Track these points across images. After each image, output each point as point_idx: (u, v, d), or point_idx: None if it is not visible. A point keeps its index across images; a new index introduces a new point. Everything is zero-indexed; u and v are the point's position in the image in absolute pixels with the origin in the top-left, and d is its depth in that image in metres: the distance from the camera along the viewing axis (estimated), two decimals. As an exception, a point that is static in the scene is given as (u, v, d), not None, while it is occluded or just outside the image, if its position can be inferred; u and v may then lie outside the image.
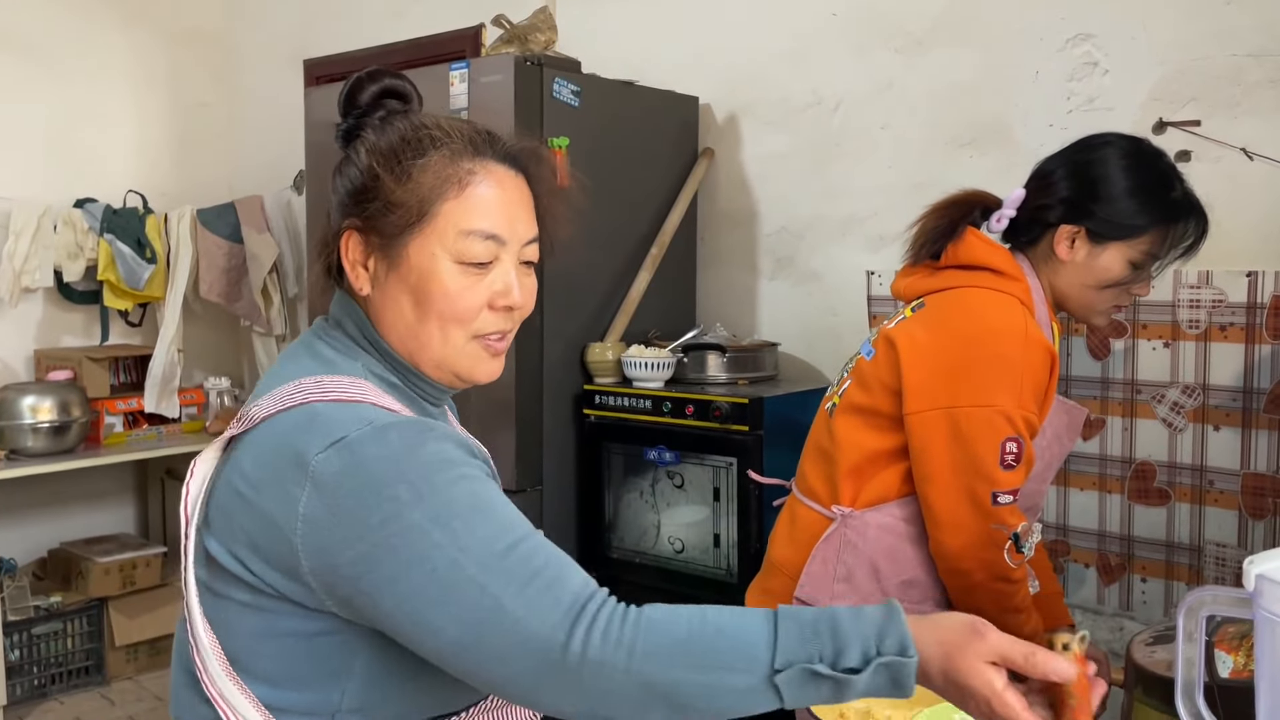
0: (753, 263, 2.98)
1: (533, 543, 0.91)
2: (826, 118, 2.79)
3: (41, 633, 3.55)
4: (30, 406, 3.46)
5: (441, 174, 1.01)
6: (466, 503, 0.90)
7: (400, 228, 1.00)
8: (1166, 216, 1.56)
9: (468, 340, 1.03)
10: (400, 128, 1.04)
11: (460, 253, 1.00)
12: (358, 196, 1.03)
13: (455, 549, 0.87)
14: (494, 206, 1.02)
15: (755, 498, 2.41)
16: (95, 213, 3.88)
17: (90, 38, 4.09)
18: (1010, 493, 1.51)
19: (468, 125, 1.05)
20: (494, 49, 2.71)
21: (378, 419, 0.93)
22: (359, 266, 1.04)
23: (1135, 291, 1.62)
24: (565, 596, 0.87)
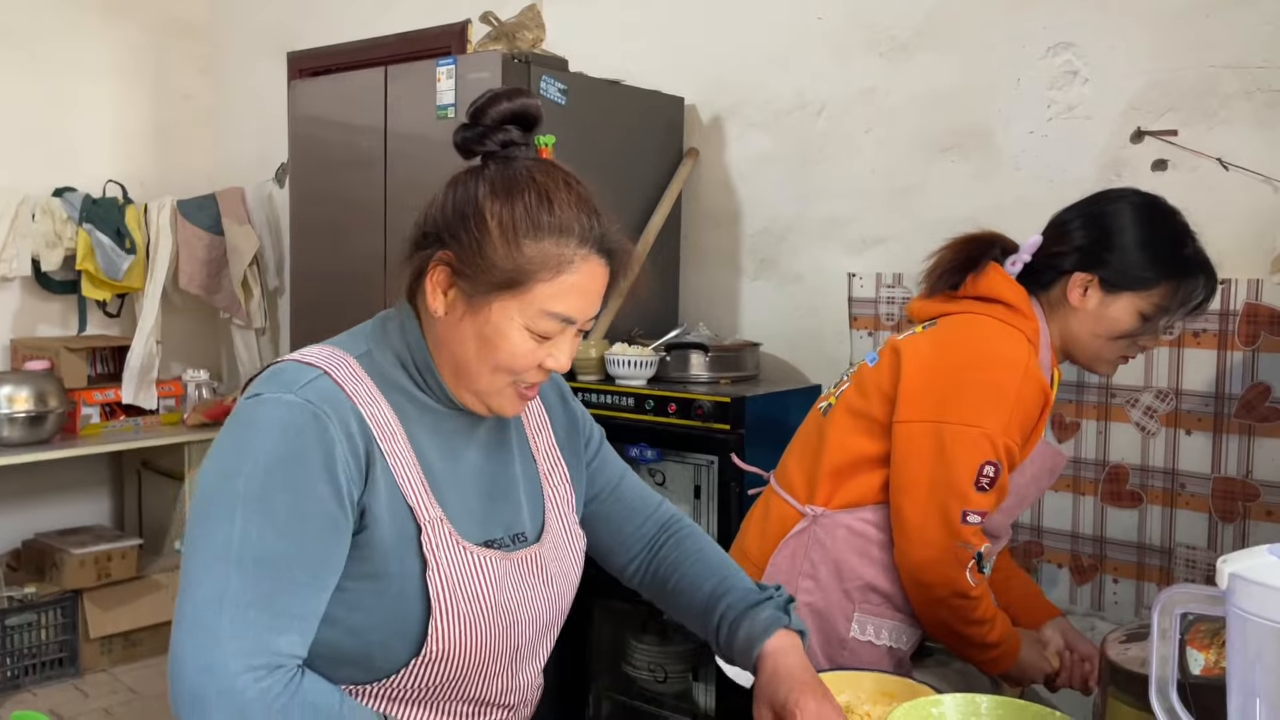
0: (735, 263, 3.00)
1: (257, 574, 0.98)
2: (810, 120, 2.82)
3: (15, 624, 3.52)
4: (6, 396, 3.44)
5: (546, 255, 1.06)
6: (276, 507, 0.99)
7: (492, 286, 1.06)
8: (1178, 271, 1.59)
9: (508, 385, 1.11)
10: (525, 187, 1.07)
11: (534, 325, 1.08)
12: (461, 232, 1.07)
13: (239, 535, 0.98)
14: (578, 296, 1.08)
15: (735, 495, 2.43)
16: (74, 202, 3.85)
17: (72, 26, 4.05)
18: (979, 513, 1.55)
19: (582, 204, 1.09)
20: (482, 46, 2.71)
21: (291, 402, 1.03)
22: (440, 292, 1.09)
23: (1143, 344, 1.65)
24: (273, 636, 0.97)
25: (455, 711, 1.14)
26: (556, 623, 1.23)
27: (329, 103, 2.96)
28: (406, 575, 1.07)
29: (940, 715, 1.18)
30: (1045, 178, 2.45)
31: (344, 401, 1.06)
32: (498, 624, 1.11)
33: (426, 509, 1.08)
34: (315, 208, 3.04)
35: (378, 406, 1.08)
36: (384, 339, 1.14)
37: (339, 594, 1.05)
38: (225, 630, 0.95)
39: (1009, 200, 2.50)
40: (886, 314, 2.70)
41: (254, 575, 0.97)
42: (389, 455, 1.07)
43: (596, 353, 2.68)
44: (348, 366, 1.09)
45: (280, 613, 0.98)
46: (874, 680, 1.36)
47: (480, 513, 1.15)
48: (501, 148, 1.10)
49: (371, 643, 1.07)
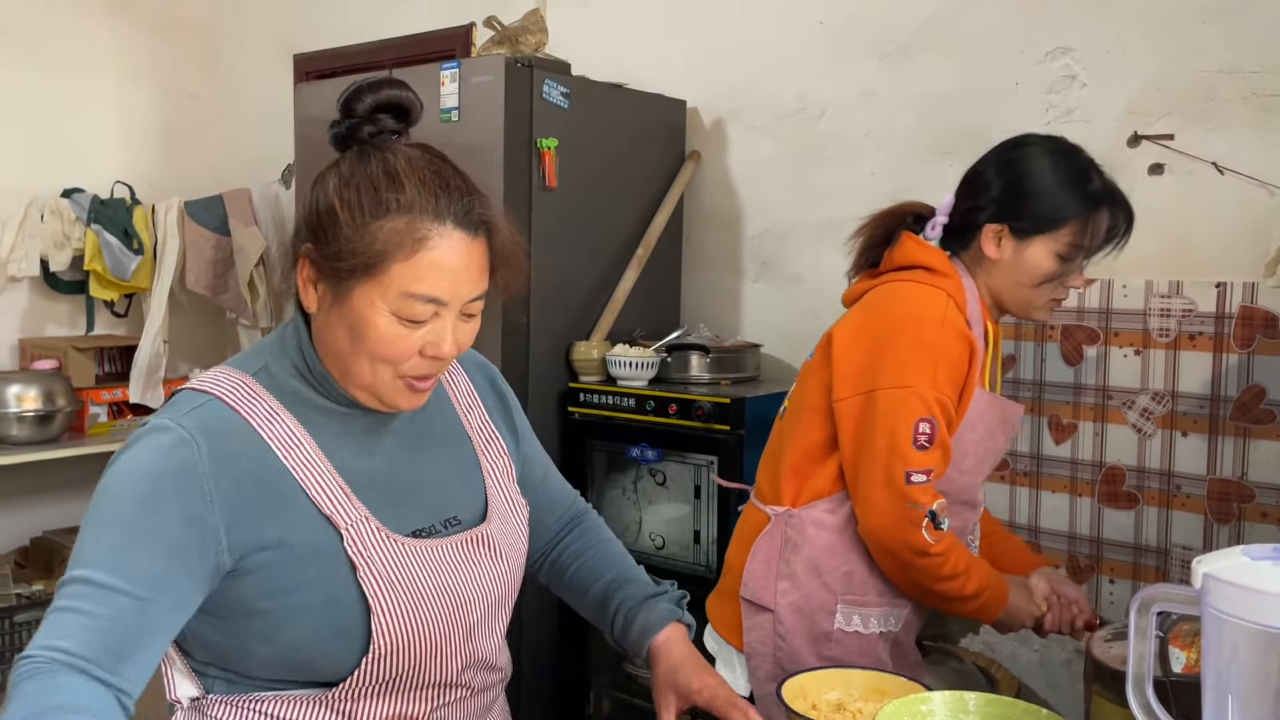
0: (736, 265, 3.03)
1: (79, 588, 0.98)
2: (811, 124, 2.84)
3: (23, 620, 3.55)
4: (15, 395, 3.47)
5: (397, 235, 1.03)
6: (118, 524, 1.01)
7: (348, 273, 1.04)
8: (1085, 207, 1.61)
9: (394, 378, 1.09)
10: (373, 169, 1.05)
11: (399, 310, 1.04)
12: (317, 225, 1.06)
13: (83, 544, 1.01)
14: (441, 273, 1.04)
15: (735, 496, 2.45)
16: (83, 203, 3.89)
17: (79, 27, 4.09)
18: (924, 472, 1.57)
19: (437, 182, 1.06)
20: (485, 50, 2.74)
21: (179, 427, 1.04)
22: (310, 286, 1.09)
23: (1069, 284, 1.66)
24: (60, 627, 0.96)
25: (418, 698, 1.14)
26: (510, 596, 1.23)
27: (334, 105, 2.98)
28: (333, 581, 1.06)
29: (929, 713, 1.20)
30: (1043, 181, 2.47)
31: (236, 424, 1.06)
32: (443, 608, 1.11)
33: (347, 512, 1.08)
34: (320, 209, 3.07)
35: (278, 422, 1.08)
36: (282, 350, 1.13)
37: (263, 617, 1.06)
38: (50, 623, 0.98)
39: (1007, 203, 2.52)
40: (886, 316, 2.71)
41: (80, 584, 0.98)
42: (296, 469, 1.07)
43: (598, 354, 2.70)
44: (242, 387, 1.09)
45: (84, 615, 0.97)
46: (864, 677, 1.38)
47: (406, 504, 1.15)
48: (371, 138, 1.08)
49: (314, 655, 1.08)
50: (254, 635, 1.07)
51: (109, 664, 0.96)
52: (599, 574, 1.37)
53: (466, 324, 1.10)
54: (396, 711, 1.13)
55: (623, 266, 2.84)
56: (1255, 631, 0.82)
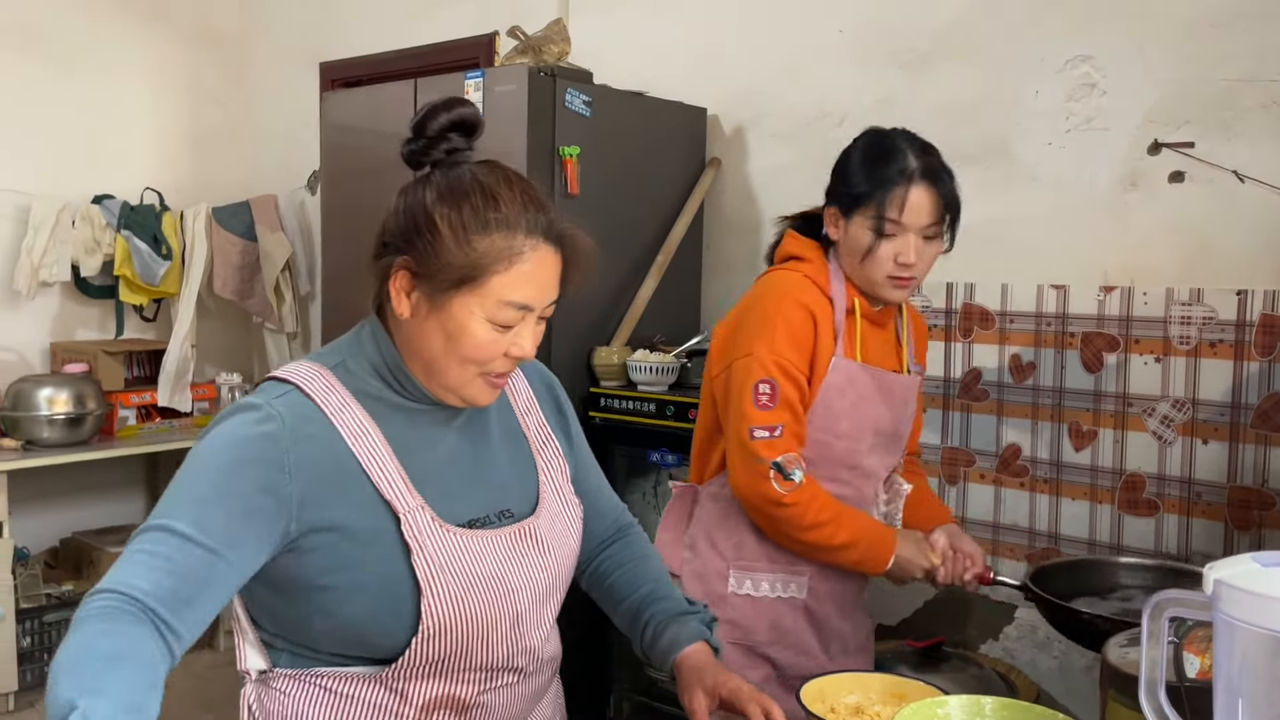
0: (756, 271, 3.01)
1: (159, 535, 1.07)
2: (831, 131, 2.85)
3: (53, 620, 3.62)
4: (46, 399, 3.54)
5: (496, 250, 1.13)
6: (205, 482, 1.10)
7: (450, 284, 1.13)
8: (884, 184, 1.70)
9: (477, 376, 1.18)
10: (470, 189, 1.14)
11: (495, 316, 1.15)
12: (416, 237, 1.14)
13: (170, 495, 1.10)
14: (532, 283, 1.15)
15: (755, 501, 2.47)
16: (113, 209, 3.96)
17: (110, 37, 4.16)
18: (766, 429, 1.69)
19: (527, 200, 1.16)
20: (509, 59, 2.77)
21: (260, 413, 1.13)
22: (403, 295, 1.17)
23: (900, 260, 1.71)
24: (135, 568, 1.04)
25: (467, 680, 1.20)
26: (558, 588, 1.29)
27: (361, 113, 3.04)
28: (389, 563, 1.13)
29: (946, 716, 1.21)
30: (1063, 189, 2.48)
31: (312, 411, 1.14)
32: (491, 595, 1.17)
33: (405, 500, 1.15)
34: (346, 215, 3.11)
35: (349, 412, 1.16)
36: (359, 349, 1.22)
37: (324, 592, 1.14)
38: (119, 563, 1.05)
39: (1027, 211, 2.53)
40: (906, 322, 2.73)
41: (160, 531, 1.06)
42: (361, 455, 1.15)
43: (619, 359, 2.73)
44: (320, 378, 1.18)
45: (157, 564, 1.04)
46: (883, 681, 1.40)
47: (462, 495, 1.21)
48: (446, 155, 1.17)
49: (369, 631, 1.15)
50: (315, 610, 1.15)
51: (175, 607, 1.03)
52: (636, 586, 1.42)
53: (539, 326, 1.21)
54: (446, 693, 1.19)
55: (643, 273, 2.87)
56: (1265, 637, 0.83)
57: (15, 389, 3.56)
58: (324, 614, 1.15)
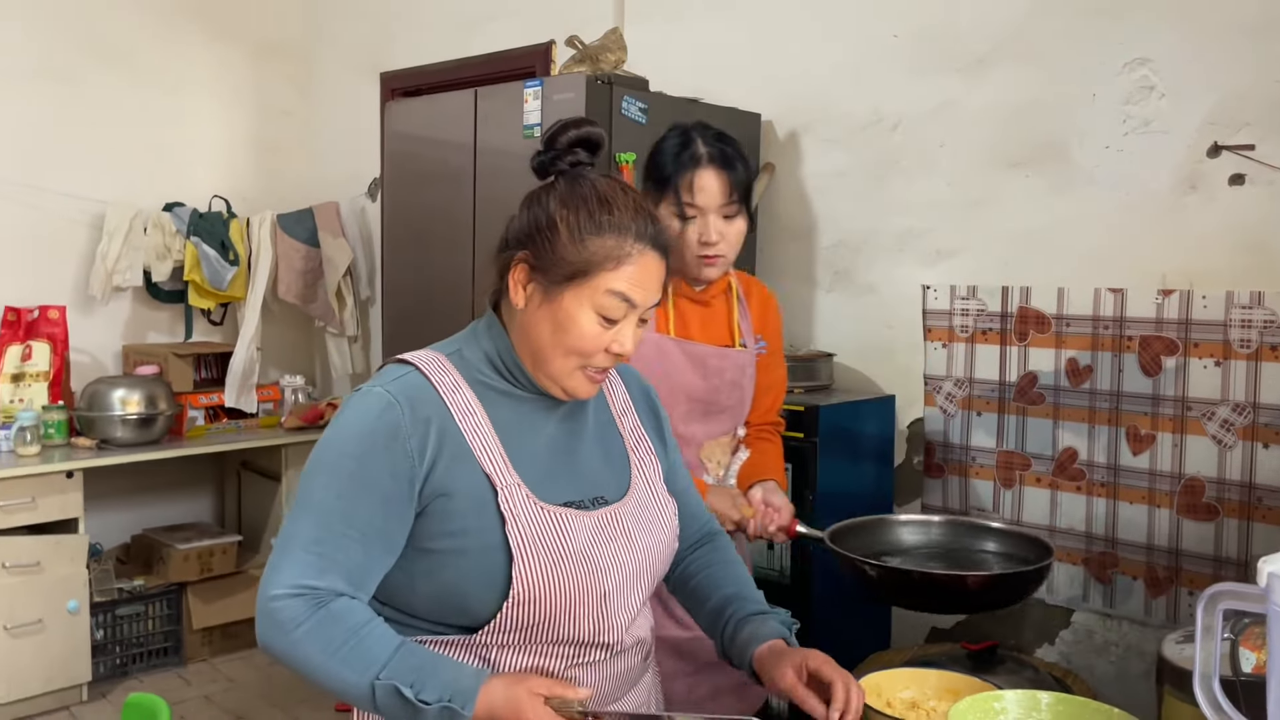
0: (810, 275, 3.07)
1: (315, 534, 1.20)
2: (885, 135, 2.87)
3: (124, 614, 3.74)
4: (120, 399, 3.66)
5: (607, 249, 1.25)
6: (342, 475, 1.21)
7: (564, 277, 1.25)
8: (677, 170, 1.87)
9: (578, 368, 1.29)
10: (588, 194, 1.27)
11: (601, 308, 1.25)
12: (537, 235, 1.27)
13: (315, 493, 1.21)
14: (637, 282, 1.26)
15: (809, 502, 2.50)
16: (183, 216, 4.09)
17: (180, 51, 4.30)
18: None
19: (637, 209, 1.28)
20: (567, 68, 2.83)
21: (386, 389, 1.25)
22: (520, 286, 1.28)
23: (703, 240, 1.86)
24: (314, 574, 1.18)
25: (554, 653, 1.27)
26: (645, 573, 1.35)
27: (422, 122, 3.11)
28: (487, 532, 1.23)
29: (1002, 709, 1.23)
30: (1122, 191, 2.47)
31: (428, 390, 1.26)
32: (578, 570, 1.25)
33: (503, 475, 1.25)
34: (407, 221, 3.19)
35: (461, 393, 1.27)
36: (474, 340, 1.34)
37: (430, 556, 1.24)
38: (283, 565, 1.19)
39: (1084, 214, 2.52)
40: (961, 326, 2.73)
41: (313, 524, 1.20)
42: (467, 432, 1.25)
43: (674, 362, 2.76)
44: (438, 363, 1.29)
45: (324, 555, 1.18)
46: (939, 677, 1.42)
47: (558, 478, 1.31)
48: (571, 167, 1.30)
49: (466, 595, 1.24)
50: (421, 572, 1.25)
51: (360, 593, 1.20)
52: (720, 586, 1.49)
53: (639, 329, 1.30)
54: (534, 665, 1.26)
55: (698, 277, 2.90)
56: (1321, 629, 0.84)
57: (90, 390, 3.69)
58: (427, 576, 1.24)
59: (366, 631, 1.17)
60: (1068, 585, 2.57)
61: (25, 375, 3.75)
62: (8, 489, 3.30)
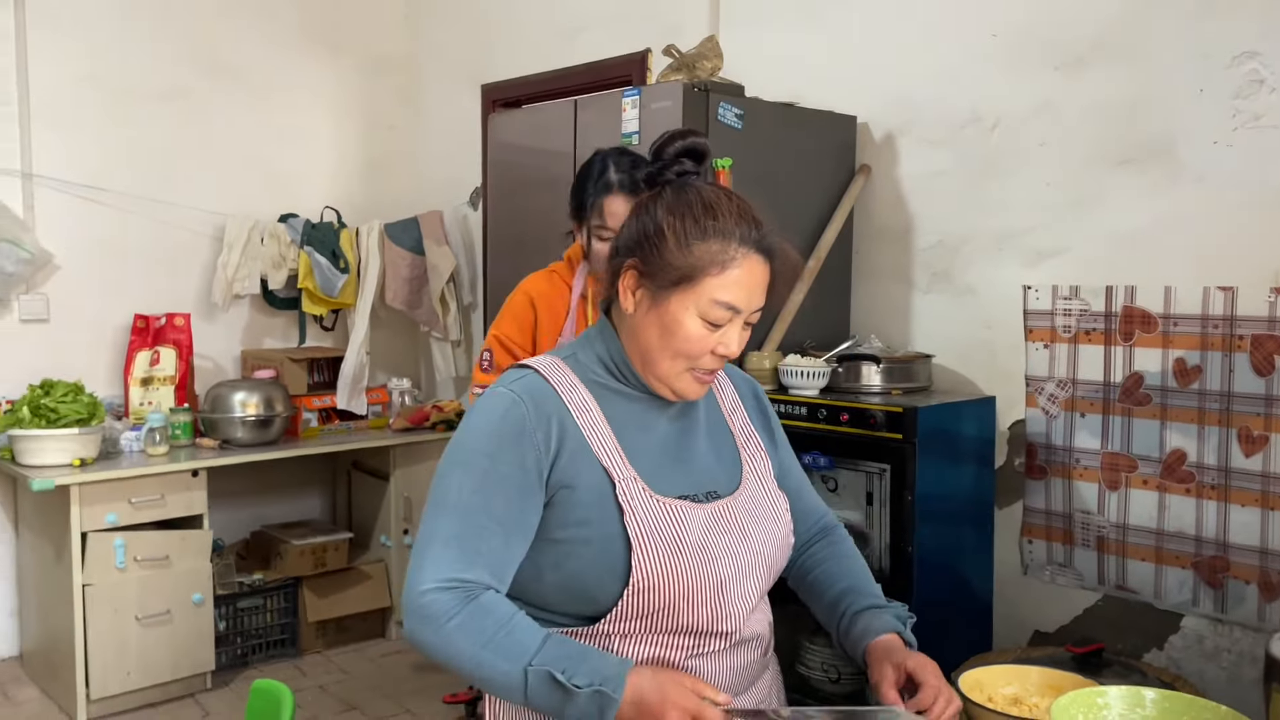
0: (908, 277, 3.06)
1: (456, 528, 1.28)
2: (984, 135, 2.85)
3: (245, 607, 3.93)
4: (240, 402, 3.85)
5: (712, 253, 1.29)
6: (476, 470, 1.28)
7: (670, 282, 1.30)
8: (591, 194, 2.16)
9: (685, 370, 1.33)
10: (693, 201, 1.31)
11: (706, 313, 1.30)
12: (645, 242, 1.32)
13: (452, 489, 1.28)
14: (741, 287, 1.30)
15: (908, 503, 2.50)
16: (296, 227, 4.28)
17: (294, 68, 4.50)
18: (480, 386, 2.21)
19: (741, 214, 1.31)
20: (664, 76, 2.89)
21: (509, 389, 1.33)
22: (629, 292, 1.34)
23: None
24: (459, 567, 1.25)
25: (674, 644, 1.32)
26: (759, 566, 1.39)
27: (523, 131, 3.21)
28: (608, 522, 1.29)
29: (1105, 705, 1.24)
30: (1231, 188, 2.41)
31: (547, 390, 1.33)
32: (695, 559, 1.30)
33: (620, 469, 1.31)
34: (509, 228, 3.29)
35: (577, 391, 1.34)
36: (588, 345, 1.41)
37: (556, 545, 1.30)
38: (427, 560, 1.26)
39: (1191, 211, 2.47)
40: (1063, 326, 2.70)
41: (454, 520, 1.27)
42: (584, 428, 1.32)
43: (770, 363, 2.79)
44: (553, 365, 1.37)
45: (467, 549, 1.25)
46: (1040, 674, 1.43)
47: (672, 473, 1.36)
48: (678, 176, 1.36)
49: (589, 583, 1.30)
50: (548, 562, 1.31)
51: (500, 585, 1.28)
52: (836, 580, 1.53)
53: (745, 332, 1.35)
54: (655, 655, 1.32)
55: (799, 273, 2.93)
56: None
57: (213, 393, 3.90)
58: (555, 568, 1.31)
59: (515, 623, 1.23)
60: (1177, 589, 2.52)
61: (154, 379, 3.97)
62: (139, 487, 3.51)
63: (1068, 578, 2.71)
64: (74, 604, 3.38)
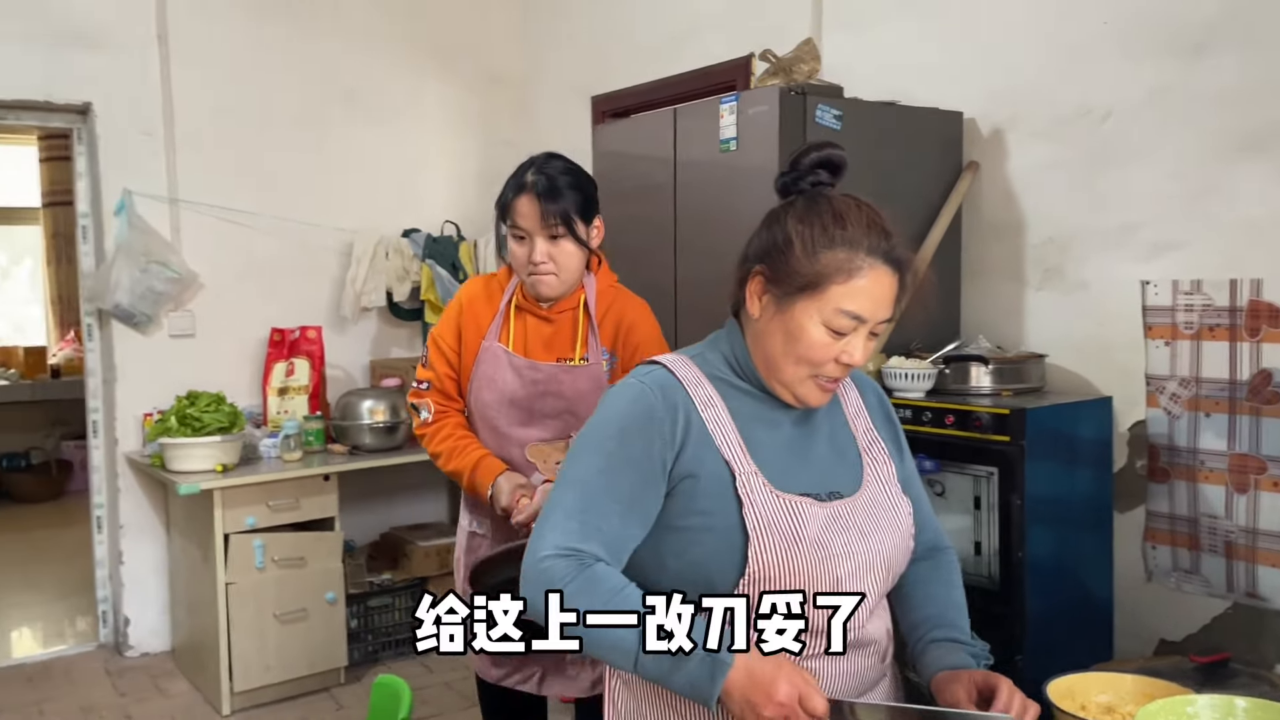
0: (1019, 274, 2.98)
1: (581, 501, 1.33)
2: (1095, 127, 2.76)
3: (375, 605, 4.11)
4: (369, 409, 4.04)
5: (838, 262, 1.30)
6: (605, 452, 1.34)
7: (795, 289, 1.32)
8: (508, 195, 2.25)
9: (808, 377, 1.35)
10: (823, 210, 1.33)
11: (830, 321, 1.31)
12: (774, 250, 1.35)
13: (580, 468, 1.35)
14: (867, 297, 1.30)
15: (1018, 507, 2.44)
16: (419, 241, 4.46)
17: (414, 90, 4.70)
18: (419, 381, 2.33)
19: (871, 224, 1.32)
20: (761, 81, 2.90)
21: (640, 380, 1.39)
22: (756, 298, 1.37)
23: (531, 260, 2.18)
24: (578, 539, 1.29)
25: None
26: (877, 566, 1.39)
27: (627, 141, 3.27)
28: (728, 513, 1.32)
29: (1194, 714, 1.20)
30: (1365, 172, 2.27)
31: (674, 384, 1.37)
32: (812, 555, 1.32)
33: (741, 463, 1.34)
34: (614, 236, 3.34)
35: (703, 387, 1.38)
36: (715, 345, 1.46)
37: (679, 533, 1.34)
38: (547, 531, 1.31)
39: (1321, 198, 2.34)
40: (1185, 322, 2.59)
41: (578, 496, 1.32)
42: (708, 421, 1.36)
43: (874, 365, 2.76)
44: (682, 362, 1.42)
45: (588, 524, 1.30)
46: (1134, 682, 1.39)
47: (794, 471, 1.38)
48: (811, 186, 1.36)
49: (709, 571, 1.32)
50: (670, 551, 1.35)
51: (614, 563, 1.32)
52: (925, 604, 1.52)
53: (870, 341, 1.35)
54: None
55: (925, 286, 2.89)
56: None
57: (343, 401, 4.10)
58: (677, 554, 1.35)
59: (628, 591, 1.26)
60: (1313, 598, 2.38)
61: (289, 389, 4.21)
62: (276, 490, 3.72)
63: (1194, 585, 2.60)
64: (218, 602, 3.61)
